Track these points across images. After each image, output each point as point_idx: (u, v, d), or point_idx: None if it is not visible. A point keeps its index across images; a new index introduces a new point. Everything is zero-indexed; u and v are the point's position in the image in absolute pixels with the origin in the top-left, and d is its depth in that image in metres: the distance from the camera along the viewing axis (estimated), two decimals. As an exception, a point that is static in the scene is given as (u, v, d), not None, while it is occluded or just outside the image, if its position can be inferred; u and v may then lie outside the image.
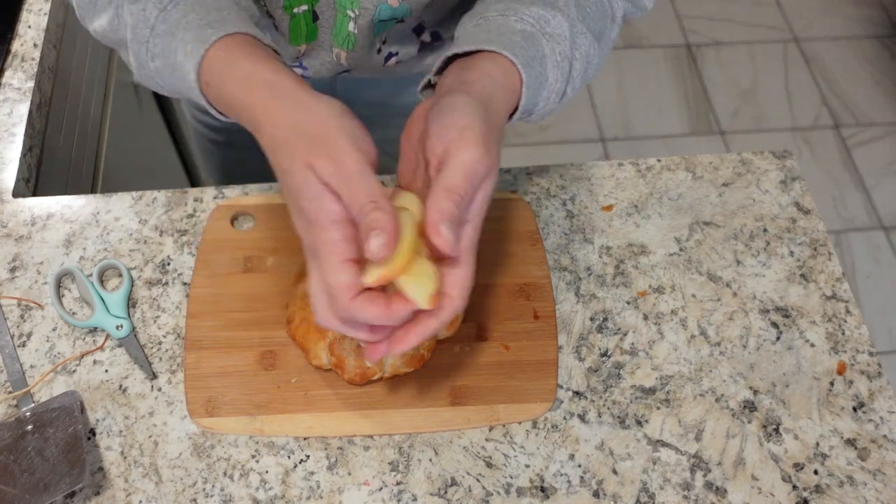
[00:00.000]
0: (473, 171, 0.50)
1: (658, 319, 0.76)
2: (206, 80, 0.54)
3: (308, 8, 0.69)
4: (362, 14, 0.70)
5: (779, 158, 0.87)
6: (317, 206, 0.49)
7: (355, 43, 0.73)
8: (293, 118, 0.50)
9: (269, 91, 0.52)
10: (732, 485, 0.67)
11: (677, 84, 2.29)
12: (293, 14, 0.69)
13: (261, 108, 0.51)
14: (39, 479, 0.63)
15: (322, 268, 0.49)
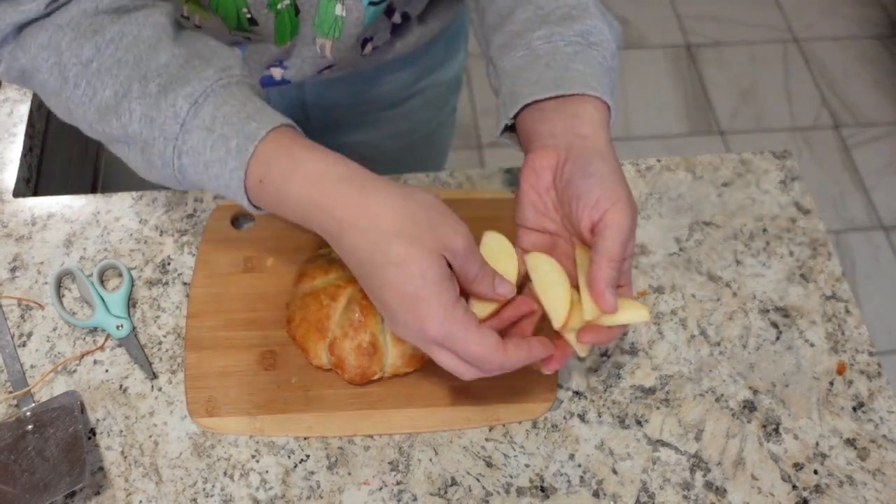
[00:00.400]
0: (627, 237, 0.56)
1: (658, 319, 0.76)
2: (260, 178, 0.53)
3: (290, 2, 0.68)
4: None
5: (779, 158, 0.87)
6: (446, 288, 0.52)
7: (342, 29, 0.71)
8: (395, 209, 0.51)
9: (351, 187, 0.52)
10: (732, 485, 0.67)
11: (677, 84, 2.29)
12: (277, 11, 0.68)
13: (351, 205, 0.52)
14: (39, 479, 0.63)
15: (460, 344, 0.52)
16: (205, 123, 0.54)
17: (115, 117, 0.55)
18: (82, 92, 0.56)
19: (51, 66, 0.56)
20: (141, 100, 0.55)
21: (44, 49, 0.56)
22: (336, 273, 0.70)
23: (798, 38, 2.41)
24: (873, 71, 2.34)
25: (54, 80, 0.56)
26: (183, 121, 0.54)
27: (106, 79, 0.55)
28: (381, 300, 0.54)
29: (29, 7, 0.55)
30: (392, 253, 0.51)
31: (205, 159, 0.54)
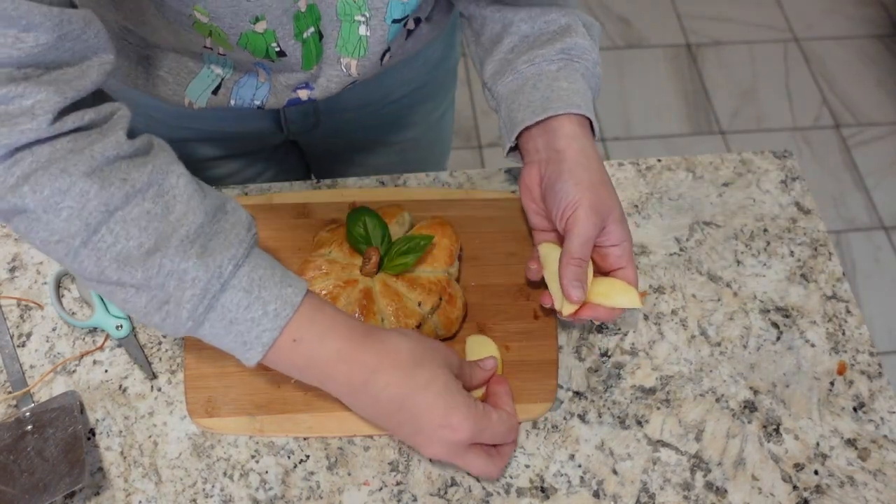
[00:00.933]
0: (587, 238, 0.66)
1: (658, 319, 0.76)
2: (294, 338, 0.59)
3: (315, 29, 0.69)
4: (374, 15, 0.70)
5: (779, 158, 0.87)
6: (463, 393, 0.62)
7: (367, 48, 0.72)
8: (408, 345, 0.61)
9: (372, 338, 0.61)
10: (733, 485, 0.67)
11: (677, 84, 2.29)
12: (304, 40, 0.69)
13: (375, 350, 0.60)
14: (39, 480, 0.63)
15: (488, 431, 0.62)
16: (242, 285, 0.57)
17: (139, 269, 0.55)
18: (100, 238, 0.54)
19: (66, 210, 0.53)
20: (178, 257, 0.55)
21: (63, 194, 0.53)
22: (336, 274, 0.70)
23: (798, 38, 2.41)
24: (874, 70, 2.34)
25: (65, 224, 0.54)
26: (224, 281, 0.56)
27: (132, 229, 0.55)
28: (415, 425, 0.61)
29: (28, 126, 0.51)
30: (419, 377, 0.60)
31: (232, 317, 0.57)
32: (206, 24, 0.65)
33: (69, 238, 0.54)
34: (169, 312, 0.56)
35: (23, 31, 0.50)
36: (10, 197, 0.53)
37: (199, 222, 0.56)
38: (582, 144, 0.69)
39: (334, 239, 0.73)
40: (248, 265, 0.57)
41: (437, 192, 0.82)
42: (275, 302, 0.57)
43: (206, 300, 0.56)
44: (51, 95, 0.52)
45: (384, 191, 0.82)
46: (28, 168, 0.52)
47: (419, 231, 0.74)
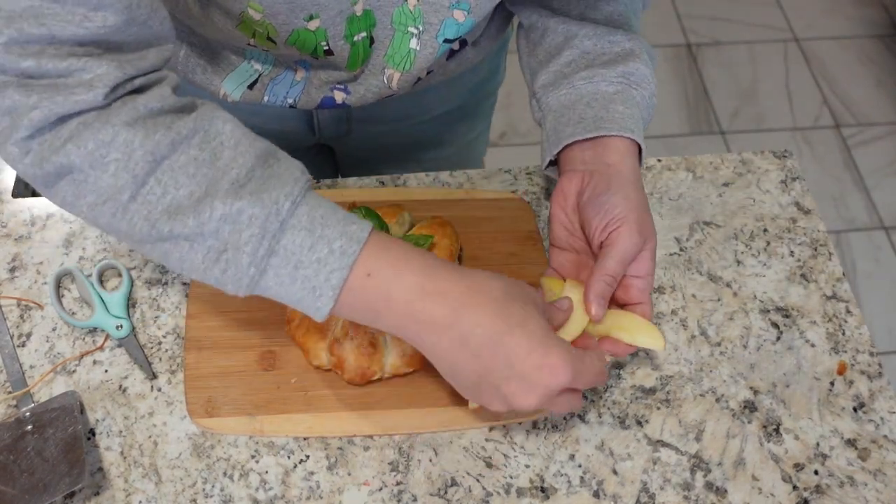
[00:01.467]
0: (626, 256, 0.63)
1: (658, 319, 0.76)
2: (368, 272, 0.54)
3: (367, 34, 0.69)
4: (426, 30, 0.70)
5: (779, 158, 0.87)
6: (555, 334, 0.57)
7: (413, 63, 0.72)
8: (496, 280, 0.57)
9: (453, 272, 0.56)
10: (733, 485, 0.67)
11: (677, 84, 2.29)
12: (353, 42, 0.69)
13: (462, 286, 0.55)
14: (39, 480, 0.63)
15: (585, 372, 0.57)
16: (303, 223, 0.53)
17: (191, 215, 0.52)
18: (148, 189, 0.52)
19: (114, 163, 0.52)
20: (231, 198, 0.52)
21: (107, 145, 0.51)
22: (336, 273, 0.70)
23: (799, 38, 2.41)
24: (874, 70, 2.34)
25: (112, 179, 0.52)
26: (283, 220, 0.53)
27: (180, 177, 0.52)
28: (511, 369, 0.55)
29: (84, 97, 0.50)
30: (514, 315, 0.55)
31: (298, 260, 0.53)
32: (256, 22, 0.65)
33: (117, 193, 0.52)
34: (229, 261, 0.53)
35: (92, 10, 0.49)
36: (55, 157, 0.52)
37: (250, 165, 0.54)
38: (634, 165, 0.67)
39: (334, 239, 0.73)
40: (306, 204, 0.54)
41: (437, 192, 0.82)
42: (340, 239, 0.53)
43: (266, 241, 0.52)
44: (111, 70, 0.51)
45: (384, 191, 0.82)
46: (74, 129, 0.52)
47: (419, 231, 0.74)
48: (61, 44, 0.50)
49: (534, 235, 0.79)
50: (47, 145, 0.52)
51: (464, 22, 0.70)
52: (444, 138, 0.98)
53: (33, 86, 0.50)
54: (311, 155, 1.00)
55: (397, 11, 0.68)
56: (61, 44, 0.50)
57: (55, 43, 0.50)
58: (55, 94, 0.50)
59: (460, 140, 1.00)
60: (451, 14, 0.69)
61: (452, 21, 0.69)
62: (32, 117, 0.50)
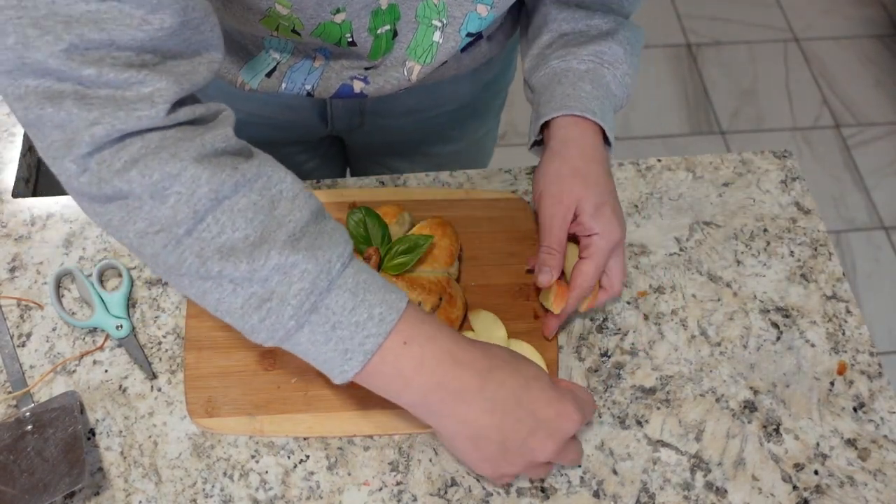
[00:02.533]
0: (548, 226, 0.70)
1: (658, 319, 0.76)
2: (405, 340, 0.56)
3: (391, 27, 0.70)
4: (450, 23, 0.71)
5: (779, 158, 0.87)
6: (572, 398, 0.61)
7: (435, 56, 0.73)
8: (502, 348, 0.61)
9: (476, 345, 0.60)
10: (733, 485, 0.67)
11: (677, 84, 2.29)
12: (377, 35, 0.70)
13: (487, 352, 0.59)
14: (39, 480, 0.63)
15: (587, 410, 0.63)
16: (348, 285, 0.55)
17: (245, 260, 0.52)
18: (205, 227, 0.52)
19: (174, 196, 0.51)
20: (287, 250, 0.53)
21: (173, 178, 0.51)
22: (336, 273, 0.70)
23: (798, 38, 2.41)
24: (874, 70, 2.34)
25: (170, 211, 0.52)
26: (332, 279, 0.54)
27: (238, 220, 0.53)
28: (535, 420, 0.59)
29: (146, 113, 0.50)
30: (526, 372, 0.60)
31: (337, 320, 0.54)
32: (282, 17, 0.66)
33: (174, 226, 0.52)
34: (270, 311, 0.53)
35: (150, 12, 0.49)
36: (117, 181, 0.51)
37: (305, 220, 0.55)
38: (586, 142, 0.71)
39: (334, 239, 0.73)
40: (352, 266, 0.55)
41: (437, 192, 0.82)
42: (380, 306, 0.55)
43: (313, 297, 0.53)
44: (170, 85, 0.51)
45: (384, 191, 0.82)
46: (137, 153, 0.51)
47: (419, 231, 0.74)
48: (120, 50, 0.49)
49: (533, 235, 0.79)
50: (106, 165, 0.51)
51: (486, 16, 0.71)
52: (453, 134, 0.98)
53: (92, 98, 0.49)
54: (324, 147, 1.01)
55: (422, 5, 0.69)
56: (120, 50, 0.49)
57: (114, 49, 0.49)
58: (117, 110, 0.49)
59: (470, 136, 1.01)
60: (474, 8, 0.70)
61: (475, 15, 0.70)
62: (94, 133, 0.49)
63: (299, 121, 0.90)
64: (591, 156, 0.71)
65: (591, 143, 0.71)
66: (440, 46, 0.72)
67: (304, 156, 0.99)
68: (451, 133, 0.98)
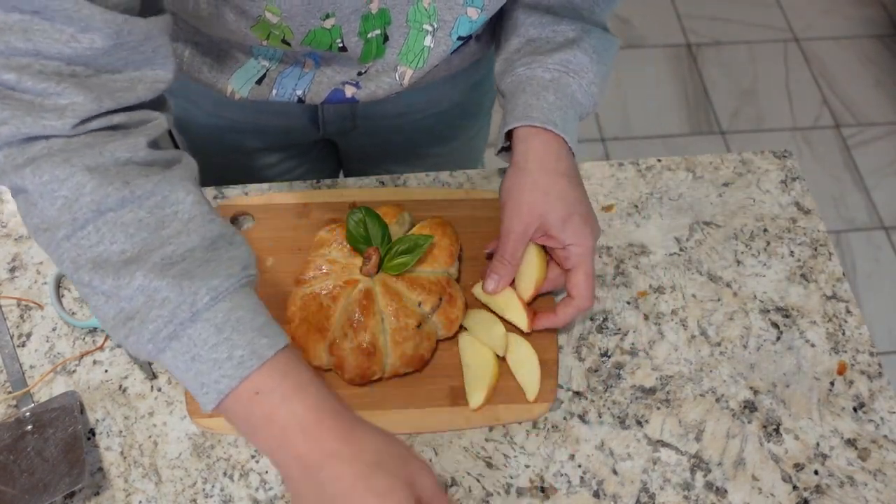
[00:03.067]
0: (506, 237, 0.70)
1: (658, 319, 0.76)
2: (257, 391, 0.53)
3: (381, 32, 0.70)
4: (441, 27, 0.70)
5: (779, 158, 0.87)
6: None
7: (426, 61, 0.73)
8: (378, 444, 0.53)
9: (342, 421, 0.53)
10: (733, 485, 0.67)
11: (677, 84, 2.29)
12: (367, 39, 0.70)
13: (340, 437, 0.52)
14: (39, 480, 0.63)
15: None
16: (216, 320, 0.53)
17: (112, 276, 0.52)
18: (84, 235, 0.53)
19: (61, 200, 0.52)
20: (153, 274, 0.52)
21: (60, 182, 0.52)
22: (336, 274, 0.70)
23: (798, 38, 2.41)
24: (874, 70, 2.34)
25: (56, 213, 0.53)
26: (196, 311, 0.52)
27: (118, 234, 0.53)
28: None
29: (53, 123, 0.51)
30: (376, 485, 0.51)
31: (196, 353, 0.52)
32: (273, 25, 0.66)
33: (55, 228, 0.53)
34: (132, 329, 0.53)
35: (80, 31, 0.50)
36: (13, 175, 0.53)
37: (191, 246, 0.54)
38: (549, 152, 0.71)
39: (334, 239, 0.73)
40: (228, 301, 0.53)
41: (437, 192, 0.82)
42: (244, 348, 0.52)
43: (172, 326, 0.52)
44: (87, 102, 0.52)
45: (384, 191, 0.82)
46: (38, 152, 0.52)
47: (419, 231, 0.74)
48: (48, 59, 0.50)
49: (534, 235, 0.79)
50: (10, 160, 0.53)
51: (477, 19, 0.70)
52: (446, 135, 0.98)
53: (9, 100, 0.51)
54: (315, 151, 1.00)
55: (412, 10, 0.69)
56: (48, 59, 0.50)
57: (41, 58, 0.50)
58: (25, 115, 0.51)
59: (462, 136, 1.01)
60: (464, 11, 0.70)
61: (466, 19, 0.70)
62: (1, 132, 0.51)
63: (291, 126, 0.90)
64: (553, 168, 0.70)
65: (554, 154, 0.71)
66: (431, 51, 0.72)
67: (295, 160, 0.99)
68: (443, 133, 0.98)
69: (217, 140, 0.93)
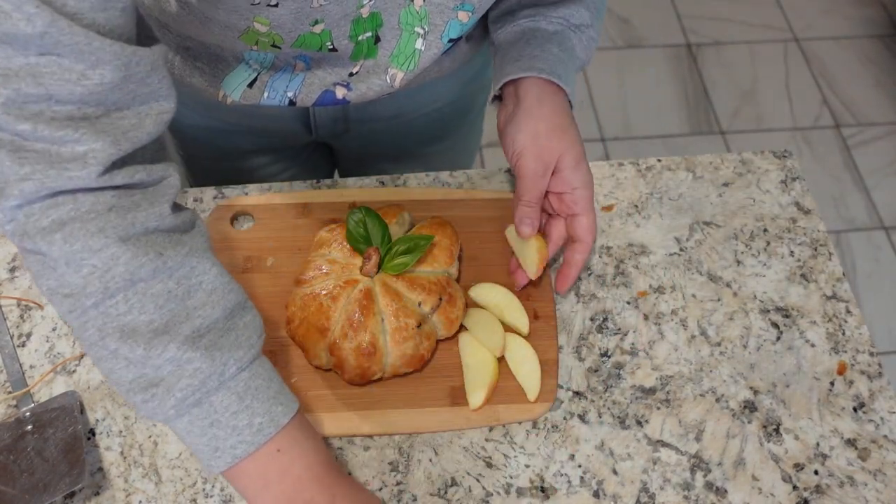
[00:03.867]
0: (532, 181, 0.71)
1: (658, 319, 0.76)
2: (278, 448, 0.57)
3: (372, 34, 0.70)
4: (432, 30, 0.71)
5: (779, 158, 0.87)
6: None
7: (418, 64, 0.73)
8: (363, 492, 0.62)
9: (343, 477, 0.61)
10: (733, 485, 0.67)
11: (677, 84, 2.29)
12: (357, 42, 0.70)
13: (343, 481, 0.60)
14: (39, 480, 0.63)
15: None
16: (238, 388, 0.56)
17: (142, 345, 0.53)
18: (113, 304, 0.53)
19: (89, 268, 0.52)
20: (186, 346, 0.54)
21: (92, 252, 0.52)
22: (336, 274, 0.70)
23: (798, 38, 2.41)
24: (874, 70, 2.34)
25: (82, 281, 0.52)
26: (224, 380, 0.55)
27: (147, 304, 0.53)
28: None
29: (78, 174, 0.50)
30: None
31: (215, 419, 0.55)
32: (261, 34, 0.66)
33: (83, 296, 0.53)
34: (155, 395, 0.54)
35: (90, 67, 0.49)
36: (39, 240, 0.51)
37: (216, 317, 0.56)
38: (555, 103, 0.73)
39: (334, 239, 0.73)
40: (249, 371, 0.56)
41: (437, 192, 0.82)
42: (263, 416, 0.56)
43: (199, 394, 0.54)
44: (106, 146, 0.51)
45: (384, 191, 0.82)
46: (66, 215, 0.51)
47: (419, 231, 0.74)
48: (60, 104, 0.49)
49: (534, 235, 0.79)
50: (34, 220, 0.51)
51: (467, 22, 0.71)
52: (439, 134, 0.99)
53: (27, 152, 0.50)
54: (308, 152, 1.00)
55: (404, 12, 0.69)
56: (60, 104, 0.49)
57: (53, 103, 0.49)
58: (48, 168, 0.50)
59: (455, 134, 1.01)
60: (455, 15, 0.70)
61: (457, 22, 0.70)
62: (24, 189, 0.50)
63: (283, 129, 0.90)
64: (566, 113, 0.73)
65: (561, 103, 0.73)
66: (422, 54, 0.72)
67: (287, 162, 0.99)
68: (436, 133, 0.98)
69: (209, 142, 0.93)
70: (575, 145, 0.72)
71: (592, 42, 0.77)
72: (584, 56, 0.77)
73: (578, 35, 0.76)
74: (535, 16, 0.75)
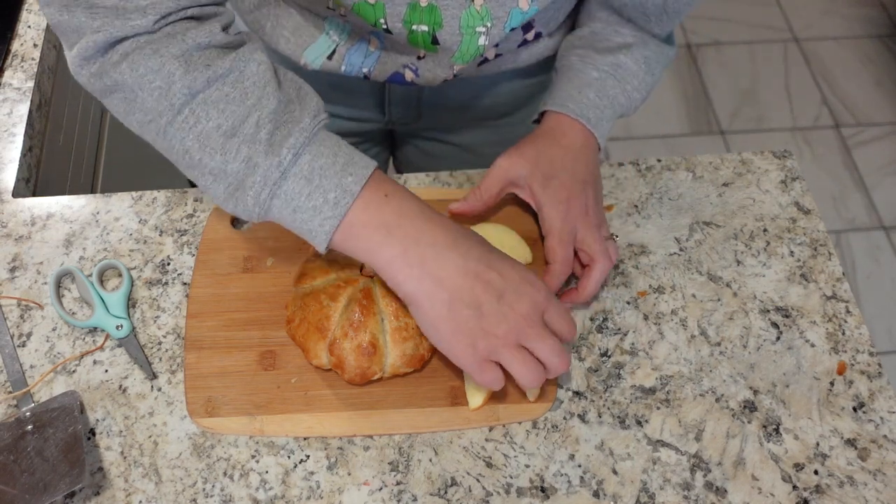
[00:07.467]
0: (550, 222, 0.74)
1: (658, 319, 0.76)
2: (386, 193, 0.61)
3: (428, 30, 0.71)
4: (495, 24, 0.72)
5: (779, 158, 0.87)
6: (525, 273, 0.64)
7: (480, 55, 0.76)
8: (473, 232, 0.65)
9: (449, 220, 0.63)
10: (732, 485, 0.67)
11: (677, 84, 2.29)
12: (411, 30, 0.72)
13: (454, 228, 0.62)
14: (39, 480, 0.63)
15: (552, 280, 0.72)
16: (303, 172, 0.58)
17: (219, 152, 0.58)
18: (184, 118, 0.58)
19: (157, 90, 0.58)
20: (250, 144, 0.58)
21: (154, 73, 0.58)
22: (336, 273, 0.70)
23: (798, 38, 2.41)
24: (874, 70, 2.34)
25: (155, 102, 0.58)
26: (285, 169, 0.58)
27: (211, 111, 0.58)
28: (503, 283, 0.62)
29: (138, 22, 0.57)
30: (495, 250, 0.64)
31: (296, 205, 0.59)
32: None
33: (158, 117, 0.59)
34: (239, 199, 0.59)
35: None
36: (112, 72, 0.58)
37: (272, 108, 0.59)
38: (577, 143, 0.75)
39: (334, 239, 0.73)
40: (308, 154, 0.59)
41: (437, 192, 0.82)
42: (334, 191, 0.58)
43: (268, 188, 0.58)
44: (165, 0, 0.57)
45: None
46: (129, 48, 0.58)
47: (419, 231, 0.74)
48: None
49: (534, 235, 0.79)
50: (108, 60, 0.58)
51: (528, 10, 0.72)
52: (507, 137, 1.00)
53: (98, 8, 0.57)
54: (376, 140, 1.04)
55: (465, 14, 0.70)
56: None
57: None
58: (115, 19, 0.57)
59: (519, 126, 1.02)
60: (516, 4, 0.71)
61: (518, 11, 0.71)
62: (97, 39, 0.57)
63: (358, 105, 0.93)
64: (566, 146, 0.75)
65: (578, 142, 0.75)
66: (486, 47, 0.75)
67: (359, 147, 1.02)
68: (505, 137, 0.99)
69: None
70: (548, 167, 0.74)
71: (636, 93, 0.78)
72: (625, 102, 0.78)
73: (622, 85, 0.77)
74: (585, 58, 0.78)
